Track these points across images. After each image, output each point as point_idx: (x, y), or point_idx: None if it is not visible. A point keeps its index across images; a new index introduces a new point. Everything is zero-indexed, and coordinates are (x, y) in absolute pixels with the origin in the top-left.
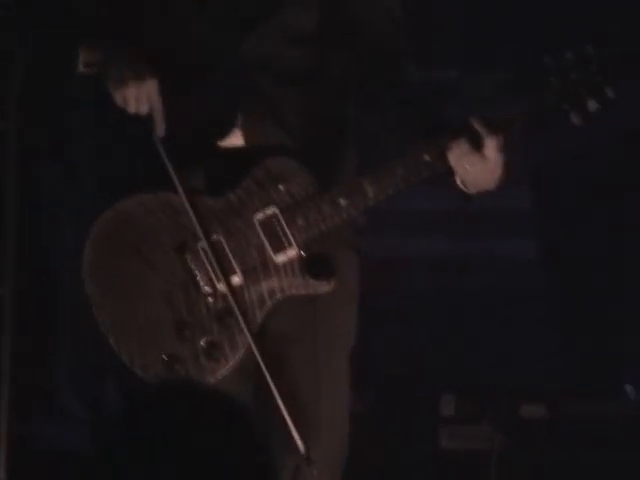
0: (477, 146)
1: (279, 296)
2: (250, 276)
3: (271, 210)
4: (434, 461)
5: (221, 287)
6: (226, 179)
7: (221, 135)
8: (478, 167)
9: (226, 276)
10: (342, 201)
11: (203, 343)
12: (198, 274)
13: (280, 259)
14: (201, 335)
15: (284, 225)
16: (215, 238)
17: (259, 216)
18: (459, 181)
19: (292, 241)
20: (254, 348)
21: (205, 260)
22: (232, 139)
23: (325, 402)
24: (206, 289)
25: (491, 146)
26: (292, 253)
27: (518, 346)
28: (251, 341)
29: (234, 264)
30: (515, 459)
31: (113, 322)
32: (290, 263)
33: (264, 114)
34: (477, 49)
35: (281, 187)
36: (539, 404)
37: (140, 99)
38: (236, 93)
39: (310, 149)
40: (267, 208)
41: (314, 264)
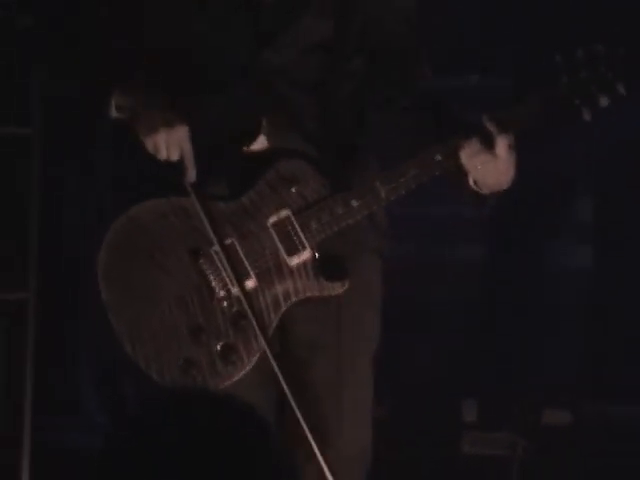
0: (488, 145)
1: (294, 299)
2: (264, 279)
3: (284, 213)
4: (456, 467)
5: (235, 291)
6: (239, 183)
7: (246, 141)
8: (490, 166)
9: (240, 280)
10: (354, 202)
11: (219, 347)
12: (212, 278)
13: (294, 262)
14: (217, 339)
15: (297, 228)
16: (228, 242)
17: (272, 219)
18: (472, 181)
19: (305, 244)
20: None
21: (219, 264)
22: (258, 145)
23: (348, 407)
24: (221, 293)
25: (502, 145)
26: (306, 255)
27: (541, 351)
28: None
29: (248, 268)
30: (537, 465)
31: (129, 327)
32: (304, 265)
33: (283, 121)
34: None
35: (293, 190)
36: (562, 410)
37: (171, 146)
38: (255, 100)
39: (329, 154)
40: (280, 211)
41: (328, 265)
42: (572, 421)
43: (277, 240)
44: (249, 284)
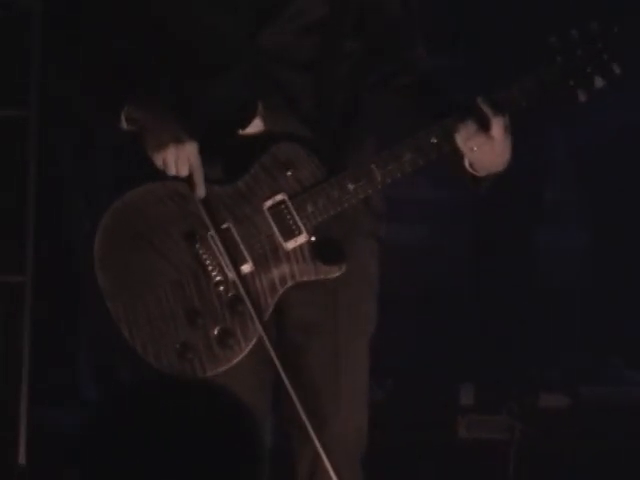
0: (484, 127)
1: (290, 282)
2: (260, 263)
3: (280, 197)
4: (452, 450)
5: (232, 275)
6: (235, 166)
7: (242, 124)
8: (485, 148)
9: (236, 264)
10: (350, 185)
11: (216, 331)
12: (209, 263)
13: (290, 246)
14: (214, 323)
15: (293, 212)
16: (224, 226)
17: (268, 203)
18: (467, 164)
19: (301, 227)
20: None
21: (215, 248)
22: (253, 128)
23: (344, 390)
24: (217, 277)
25: (497, 126)
26: (302, 239)
27: (538, 335)
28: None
29: (244, 252)
30: (535, 449)
31: (125, 312)
32: (300, 249)
33: (279, 103)
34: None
35: (289, 173)
36: (559, 393)
37: (180, 162)
38: (253, 83)
39: (326, 136)
40: (276, 195)
41: (325, 249)
42: (569, 404)
43: (273, 224)
44: (245, 268)
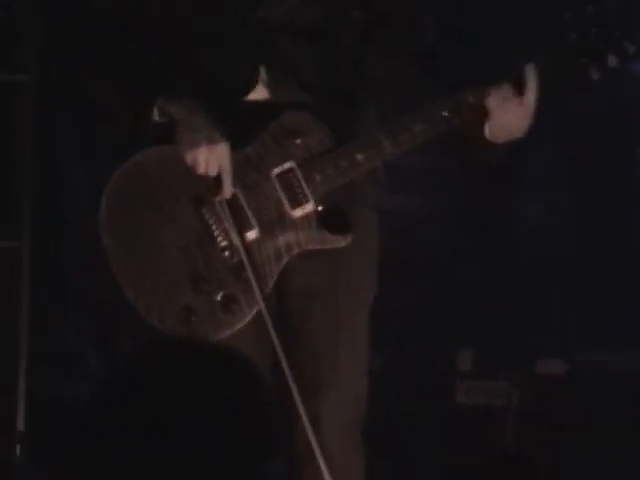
0: (518, 91)
1: (296, 250)
2: (267, 230)
3: (288, 164)
4: (450, 416)
5: (237, 241)
6: (244, 133)
7: (244, 91)
8: (516, 113)
9: (242, 231)
10: (359, 156)
11: (220, 297)
12: (215, 228)
13: (297, 213)
14: (218, 288)
15: (301, 180)
16: (232, 191)
17: (276, 170)
18: (488, 130)
19: (309, 196)
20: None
21: (222, 214)
22: (256, 95)
23: (344, 360)
24: (223, 243)
25: (532, 92)
26: (309, 208)
27: (536, 301)
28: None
29: (251, 218)
30: (532, 414)
31: (129, 274)
32: (307, 217)
33: (285, 71)
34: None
35: (298, 141)
36: (556, 359)
37: (211, 162)
38: (257, 52)
39: (329, 106)
40: (284, 163)
41: (331, 219)
42: (566, 371)
43: (281, 192)
44: (251, 235)
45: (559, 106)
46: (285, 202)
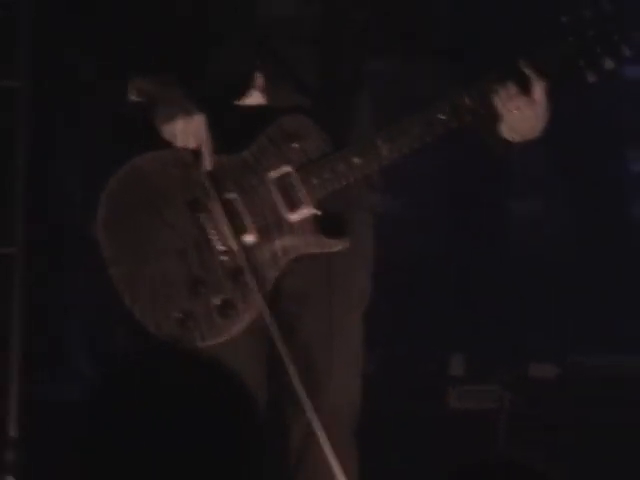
0: (525, 89)
1: (293, 255)
2: (264, 234)
3: (286, 169)
4: (443, 421)
5: (234, 246)
6: (242, 137)
7: (238, 95)
8: (527, 112)
9: (239, 235)
10: (356, 160)
11: (217, 301)
12: (212, 232)
13: (294, 218)
14: (215, 293)
15: (298, 184)
16: (229, 196)
17: (274, 174)
18: (504, 129)
19: (306, 200)
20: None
21: (219, 217)
22: (251, 100)
23: (338, 363)
24: (220, 247)
25: (539, 89)
26: (306, 212)
27: (528, 304)
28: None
29: (248, 222)
30: (525, 419)
31: (126, 278)
32: (304, 222)
33: (281, 76)
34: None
35: (295, 145)
36: (549, 363)
37: (189, 134)
38: (252, 55)
39: (326, 109)
40: (282, 166)
41: (328, 223)
42: (559, 374)
43: (278, 195)
44: (249, 239)
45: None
46: (282, 206)
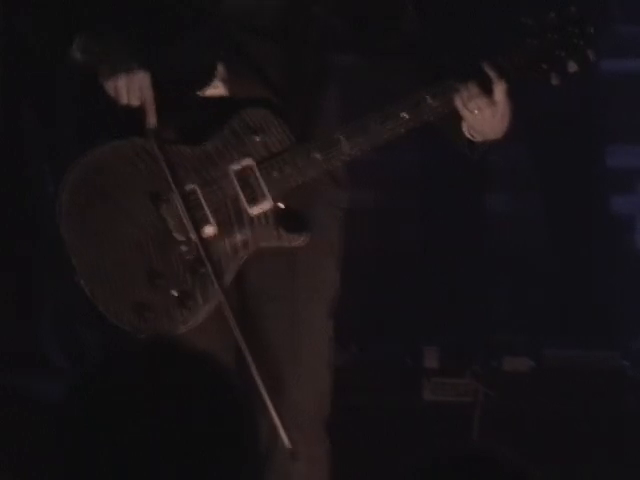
0: (486, 90)
1: (252, 248)
2: (224, 227)
3: (247, 161)
4: (417, 413)
5: (194, 237)
6: (204, 128)
7: (200, 86)
8: (487, 113)
9: (199, 227)
10: (318, 155)
11: (175, 292)
12: (172, 224)
13: (254, 211)
14: (174, 285)
15: (259, 177)
16: (190, 187)
17: (235, 167)
18: (465, 128)
19: (267, 193)
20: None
21: (179, 210)
22: (213, 91)
23: (305, 357)
24: (179, 239)
25: (500, 90)
26: (266, 205)
27: (502, 298)
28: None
29: (208, 214)
30: (499, 412)
31: (87, 269)
32: (264, 215)
33: (246, 68)
34: None
35: (257, 138)
36: (523, 357)
37: (131, 91)
38: (216, 47)
39: (291, 102)
40: (243, 159)
41: (289, 217)
42: (533, 368)
43: (238, 188)
44: (209, 231)
45: (526, 103)
46: (243, 199)
